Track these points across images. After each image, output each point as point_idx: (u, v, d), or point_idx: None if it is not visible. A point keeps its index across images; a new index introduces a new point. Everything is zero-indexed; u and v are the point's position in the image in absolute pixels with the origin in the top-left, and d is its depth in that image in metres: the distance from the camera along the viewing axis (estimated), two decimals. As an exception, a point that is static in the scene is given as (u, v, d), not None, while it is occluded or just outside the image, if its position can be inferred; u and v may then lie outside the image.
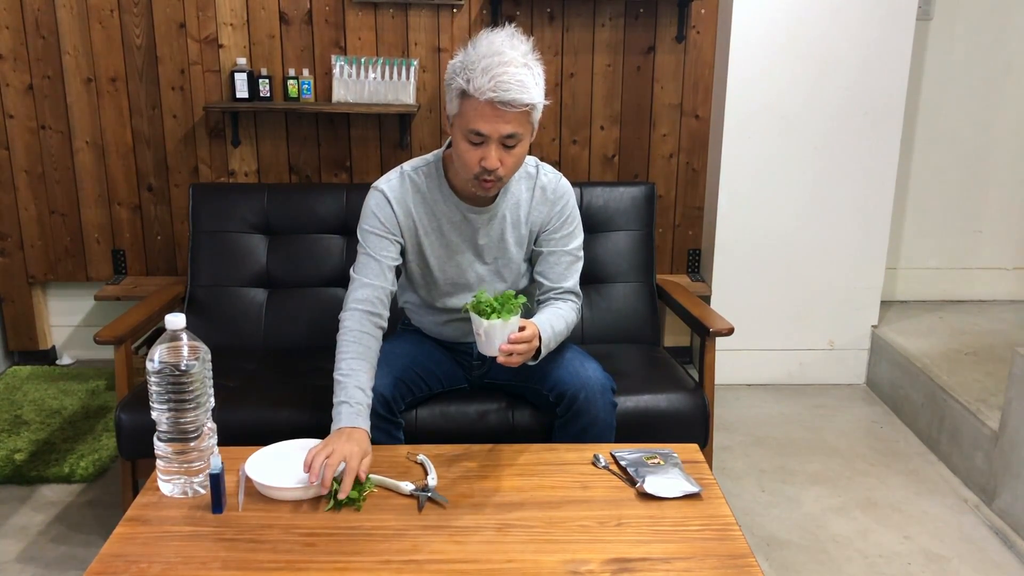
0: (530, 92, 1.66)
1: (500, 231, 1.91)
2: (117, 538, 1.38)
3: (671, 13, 3.04)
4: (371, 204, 1.86)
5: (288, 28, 3.00)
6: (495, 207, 1.89)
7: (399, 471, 1.59)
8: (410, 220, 1.87)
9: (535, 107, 1.70)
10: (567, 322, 1.87)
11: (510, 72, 1.63)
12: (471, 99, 1.66)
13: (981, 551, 2.19)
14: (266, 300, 2.52)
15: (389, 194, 1.86)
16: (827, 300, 3.18)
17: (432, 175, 1.87)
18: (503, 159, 1.72)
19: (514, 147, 1.72)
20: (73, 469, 2.48)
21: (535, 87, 1.68)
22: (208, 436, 1.52)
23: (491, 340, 1.60)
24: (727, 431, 2.85)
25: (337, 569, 1.31)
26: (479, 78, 1.63)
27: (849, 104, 2.99)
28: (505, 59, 1.64)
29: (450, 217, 1.88)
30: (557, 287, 1.92)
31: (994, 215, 3.47)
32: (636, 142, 3.17)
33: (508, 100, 1.63)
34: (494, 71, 1.63)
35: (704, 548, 1.37)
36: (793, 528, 2.29)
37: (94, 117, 3.05)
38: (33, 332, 3.26)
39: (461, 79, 1.66)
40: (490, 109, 1.65)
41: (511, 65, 1.64)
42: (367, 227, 1.86)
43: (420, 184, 1.87)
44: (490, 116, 1.66)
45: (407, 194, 1.86)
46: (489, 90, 1.63)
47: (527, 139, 1.75)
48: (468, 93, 1.66)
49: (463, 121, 1.70)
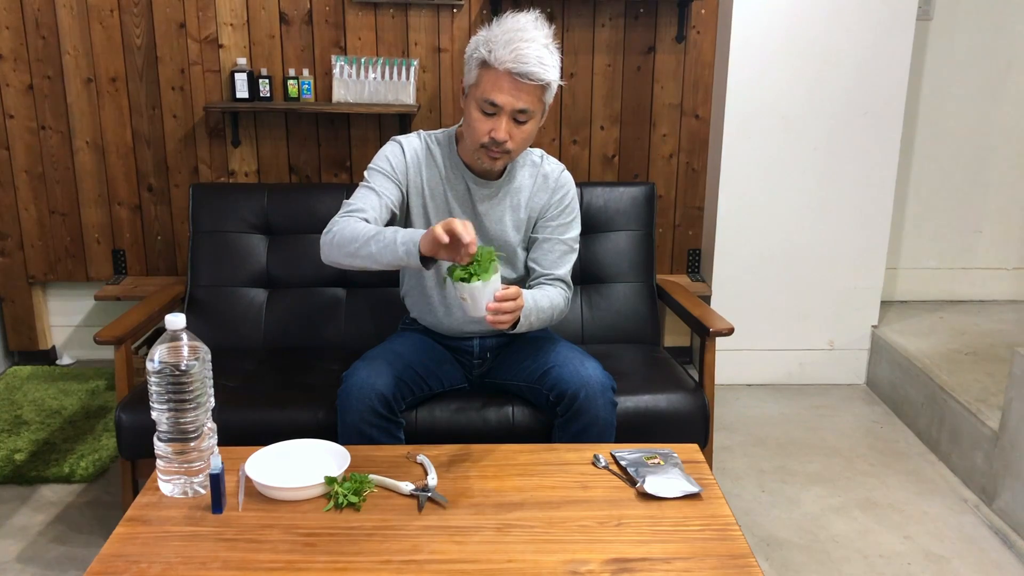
0: (548, 70, 1.74)
1: (500, 211, 1.96)
2: (117, 538, 1.38)
3: (671, 13, 3.04)
4: (386, 150, 1.94)
5: (288, 28, 3.00)
6: (498, 185, 1.94)
7: (399, 471, 1.58)
8: (419, 177, 1.93)
9: (550, 86, 1.78)
10: (552, 302, 1.89)
11: (532, 47, 1.71)
12: (490, 69, 1.74)
13: (981, 551, 2.19)
14: (266, 300, 2.52)
15: (406, 146, 1.94)
16: (827, 300, 3.18)
17: (445, 144, 1.95)
18: (512, 133, 1.79)
19: (524, 123, 1.79)
20: (73, 469, 2.48)
21: (553, 67, 1.76)
22: (208, 436, 1.52)
23: (476, 302, 1.60)
24: (727, 431, 2.85)
25: (337, 569, 1.31)
26: (501, 49, 1.71)
27: (849, 104, 2.99)
28: (528, 36, 1.73)
29: (454, 185, 1.94)
30: (548, 273, 1.96)
31: (994, 215, 3.48)
32: (636, 142, 3.17)
33: (526, 72, 1.71)
34: (516, 44, 1.71)
35: (704, 548, 1.37)
36: (793, 528, 2.29)
37: (94, 117, 3.05)
38: (33, 332, 3.26)
39: (483, 49, 1.75)
40: (508, 81, 1.73)
41: (534, 42, 1.72)
42: (375, 166, 1.91)
43: (434, 149, 1.95)
44: (507, 88, 1.73)
45: (422, 153, 1.94)
46: (509, 61, 1.71)
47: (537, 118, 1.83)
48: (488, 63, 1.74)
49: (479, 91, 1.77)
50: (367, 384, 1.81)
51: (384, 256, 1.69)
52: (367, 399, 1.80)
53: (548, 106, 1.85)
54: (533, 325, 1.84)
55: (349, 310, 2.51)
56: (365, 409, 1.80)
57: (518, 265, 2.02)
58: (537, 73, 1.72)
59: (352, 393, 1.81)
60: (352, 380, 1.83)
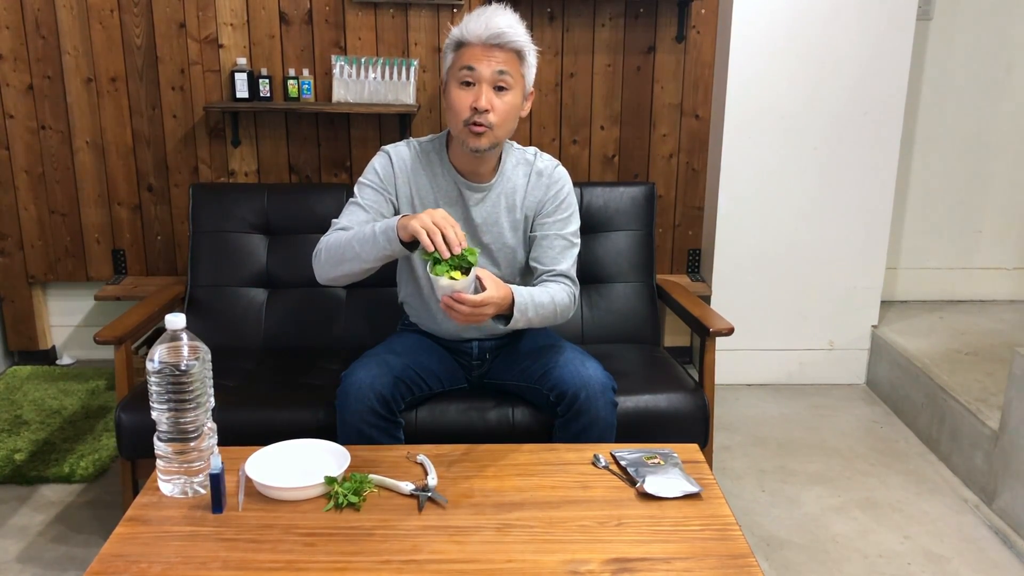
0: (521, 36, 1.82)
1: (495, 213, 1.95)
2: (117, 538, 1.38)
3: (671, 13, 3.04)
4: (375, 162, 1.96)
5: (288, 28, 3.00)
6: (491, 186, 1.94)
7: (399, 471, 1.59)
8: (408, 186, 1.93)
9: (525, 55, 1.84)
10: (552, 296, 1.86)
11: (503, 18, 1.81)
12: (465, 45, 1.82)
13: (981, 551, 2.19)
14: (266, 300, 2.52)
15: (393, 155, 1.95)
16: (827, 300, 3.18)
17: (435, 150, 1.96)
18: (493, 103, 1.81)
19: (505, 92, 1.82)
20: (73, 469, 2.48)
21: (526, 37, 1.84)
22: (208, 436, 1.52)
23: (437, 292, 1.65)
24: (727, 431, 2.85)
25: (337, 569, 1.31)
26: (472, 23, 1.81)
27: (849, 104, 2.99)
28: (498, 12, 1.82)
29: (447, 191, 1.94)
30: (550, 269, 1.93)
31: (994, 215, 3.48)
32: (636, 142, 3.17)
33: (498, 34, 1.79)
34: (487, 17, 1.81)
35: (704, 548, 1.37)
36: (793, 528, 2.29)
37: (94, 117, 3.05)
38: (33, 332, 3.26)
39: (456, 32, 1.83)
40: (482, 49, 1.80)
41: (504, 15, 1.82)
42: (365, 180, 1.93)
43: (423, 156, 1.95)
44: (481, 54, 1.80)
45: (411, 161, 1.94)
46: (481, 30, 1.79)
47: (519, 90, 1.86)
48: (462, 41, 1.82)
49: (456, 67, 1.83)
50: (365, 384, 1.81)
51: (368, 251, 1.73)
52: (365, 399, 1.80)
53: (530, 89, 1.89)
54: (532, 321, 1.81)
55: (349, 310, 2.51)
56: (364, 409, 1.80)
57: (517, 266, 2.01)
58: (508, 34, 1.79)
59: (350, 393, 1.81)
60: (350, 380, 1.83)
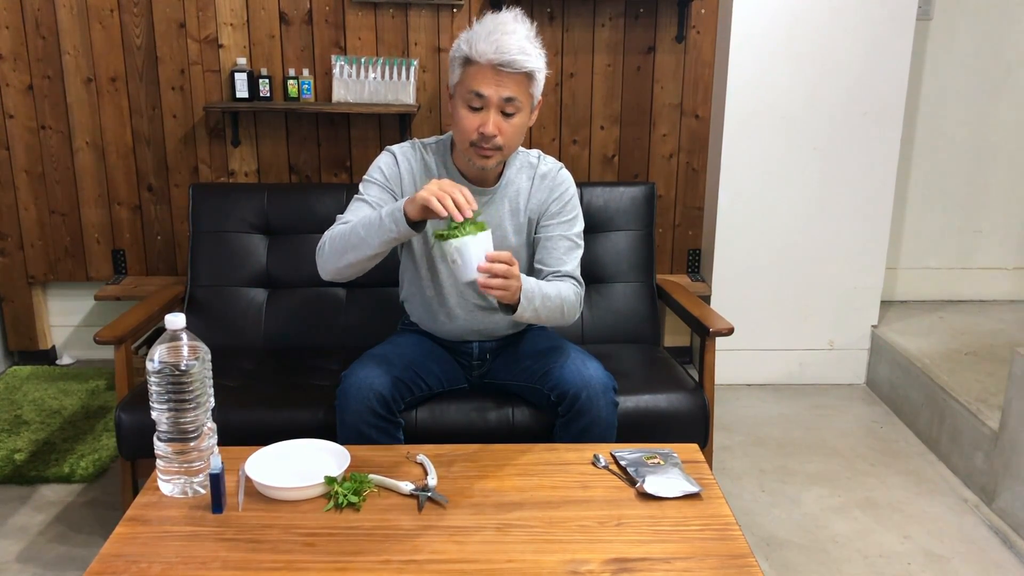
0: (530, 58, 1.74)
1: (499, 217, 1.94)
2: (117, 538, 1.38)
3: (671, 13, 3.04)
4: (380, 161, 1.94)
5: (288, 28, 3.00)
6: (495, 190, 1.93)
7: (399, 471, 1.58)
8: (413, 188, 1.91)
9: (535, 75, 1.78)
10: (559, 291, 1.83)
11: (513, 39, 1.73)
12: (473, 64, 1.75)
13: (981, 551, 2.19)
14: (266, 300, 2.52)
15: (399, 155, 1.93)
16: (827, 300, 3.18)
17: (440, 152, 1.95)
18: (501, 127, 1.77)
19: (513, 116, 1.78)
20: (73, 469, 2.48)
21: (536, 56, 1.76)
22: (208, 436, 1.52)
23: (467, 262, 1.59)
24: (727, 431, 2.85)
25: (337, 569, 1.31)
26: (482, 43, 1.72)
27: (849, 104, 2.99)
28: (508, 29, 1.74)
29: None
30: (556, 270, 1.91)
31: (994, 215, 3.48)
32: (636, 142, 3.17)
33: (508, 62, 1.71)
34: (497, 37, 1.72)
35: (704, 548, 1.37)
36: (793, 528, 2.29)
37: (94, 117, 3.05)
38: (33, 332, 3.26)
39: (465, 47, 1.76)
40: (491, 72, 1.73)
41: (515, 34, 1.73)
42: (370, 178, 1.92)
43: (428, 156, 1.94)
44: (491, 79, 1.73)
45: (416, 161, 1.93)
46: (491, 53, 1.71)
47: (526, 111, 1.81)
48: (471, 59, 1.74)
49: (464, 87, 1.77)
50: (365, 384, 1.81)
51: (373, 236, 1.70)
52: (365, 399, 1.80)
53: (538, 100, 1.83)
54: (539, 312, 1.77)
55: (349, 310, 2.51)
56: (363, 409, 1.80)
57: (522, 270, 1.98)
58: (519, 61, 1.73)
59: (350, 393, 1.81)
60: (350, 380, 1.83)
